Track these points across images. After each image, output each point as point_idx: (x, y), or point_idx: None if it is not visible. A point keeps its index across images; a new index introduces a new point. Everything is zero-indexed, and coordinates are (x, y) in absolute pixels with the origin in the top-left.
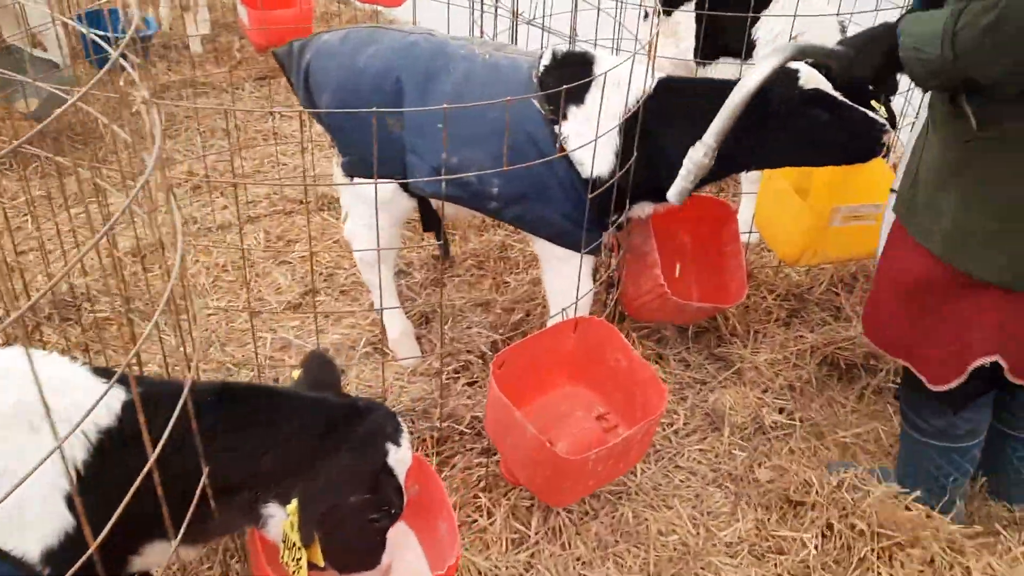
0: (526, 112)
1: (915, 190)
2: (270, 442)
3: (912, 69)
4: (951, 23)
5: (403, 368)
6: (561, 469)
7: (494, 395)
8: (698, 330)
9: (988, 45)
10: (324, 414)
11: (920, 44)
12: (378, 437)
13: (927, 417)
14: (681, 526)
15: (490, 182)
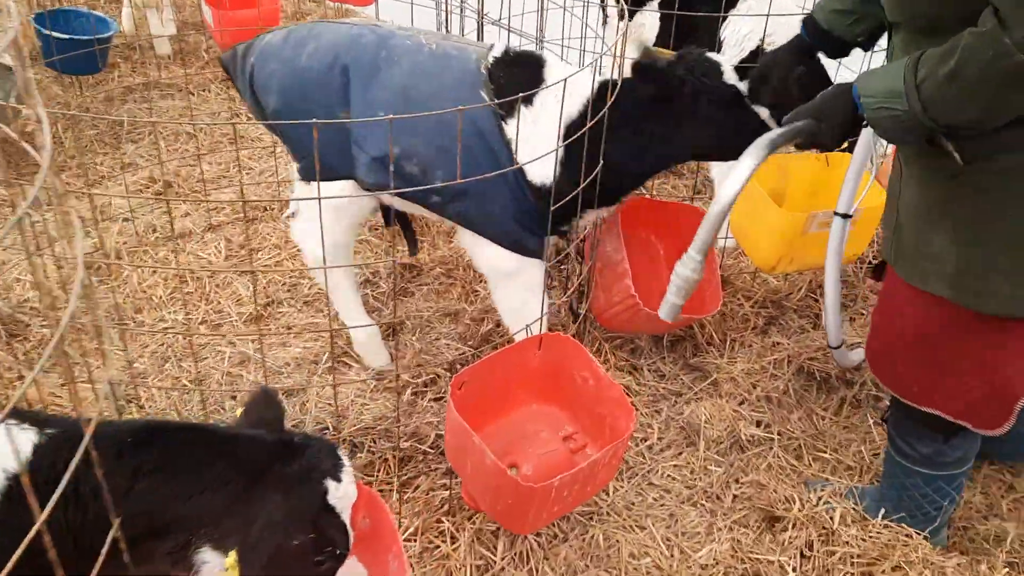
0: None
1: (900, 234)
2: (199, 484)
3: (884, 128)
4: (911, 76)
5: (365, 385)
6: (524, 497)
7: (452, 418)
8: (673, 339)
9: (953, 94)
10: (257, 452)
11: (885, 103)
12: (316, 474)
13: (914, 444)
14: (654, 548)
15: (433, 175)
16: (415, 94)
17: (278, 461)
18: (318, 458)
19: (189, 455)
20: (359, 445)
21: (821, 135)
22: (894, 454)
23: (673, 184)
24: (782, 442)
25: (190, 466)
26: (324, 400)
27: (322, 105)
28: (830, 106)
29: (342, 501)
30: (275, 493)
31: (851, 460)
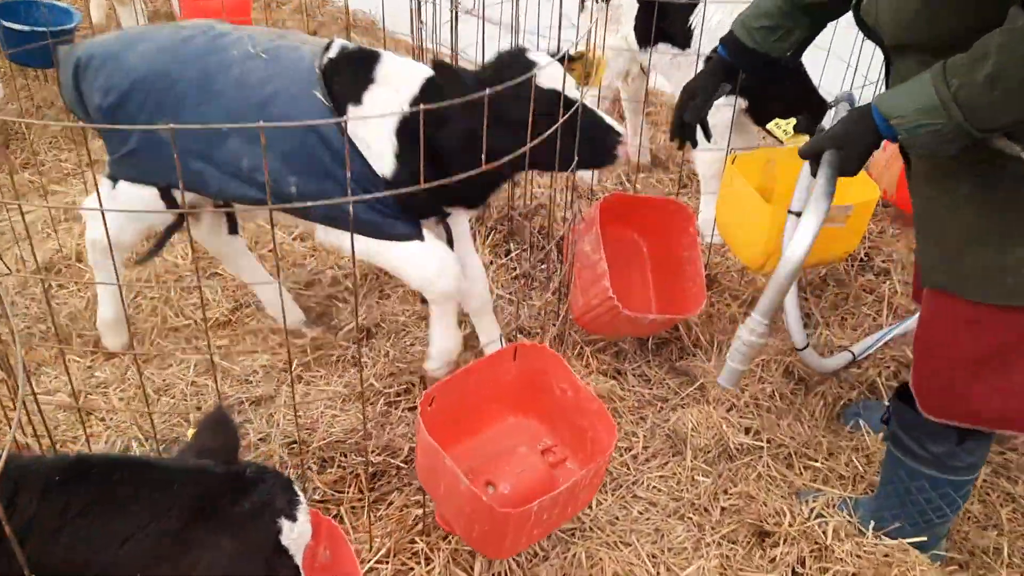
0: (312, 108)
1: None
2: (133, 525)
3: (922, 145)
4: (943, 88)
5: (336, 394)
6: (500, 522)
7: (423, 438)
8: (659, 341)
9: (997, 97)
10: (201, 489)
11: (921, 120)
12: (268, 513)
13: (925, 443)
14: (639, 566)
15: (287, 181)
16: (251, 100)
17: (226, 497)
18: (271, 494)
19: (123, 492)
20: (328, 460)
21: (844, 163)
22: (899, 455)
23: (658, 178)
24: (771, 450)
25: (124, 505)
26: (291, 411)
27: (144, 109)
28: (850, 133)
29: (296, 542)
30: (222, 535)
31: (843, 469)
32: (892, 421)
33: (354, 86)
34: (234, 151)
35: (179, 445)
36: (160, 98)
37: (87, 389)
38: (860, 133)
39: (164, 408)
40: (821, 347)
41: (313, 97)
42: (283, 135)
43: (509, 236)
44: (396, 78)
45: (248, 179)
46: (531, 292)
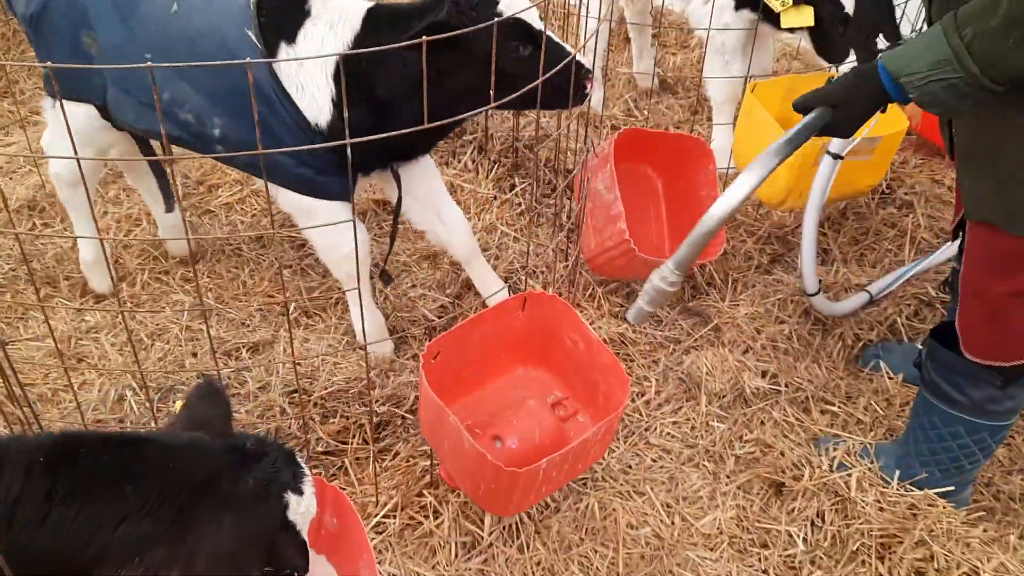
0: (243, 47)
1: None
2: (126, 507)
3: (938, 101)
4: (955, 39)
5: (335, 341)
6: (507, 481)
7: (426, 393)
8: None
9: (1015, 44)
10: (200, 466)
11: (933, 74)
12: (273, 489)
13: (965, 388)
14: (654, 516)
15: (211, 123)
16: (178, 33)
17: (228, 474)
18: (276, 468)
19: (114, 472)
20: (331, 410)
21: (837, 124)
22: (935, 400)
23: (668, 104)
24: (789, 394)
25: (116, 486)
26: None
27: (66, 18)
28: (849, 91)
29: (303, 516)
30: (224, 513)
31: (862, 413)
32: (926, 365)
33: (287, 22)
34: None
35: (171, 401)
36: (82, 9)
37: (77, 335)
38: (862, 94)
39: (158, 354)
40: (839, 285)
41: (246, 35)
42: (210, 73)
43: (514, 169)
44: (332, 12)
45: (168, 114)
46: (537, 229)
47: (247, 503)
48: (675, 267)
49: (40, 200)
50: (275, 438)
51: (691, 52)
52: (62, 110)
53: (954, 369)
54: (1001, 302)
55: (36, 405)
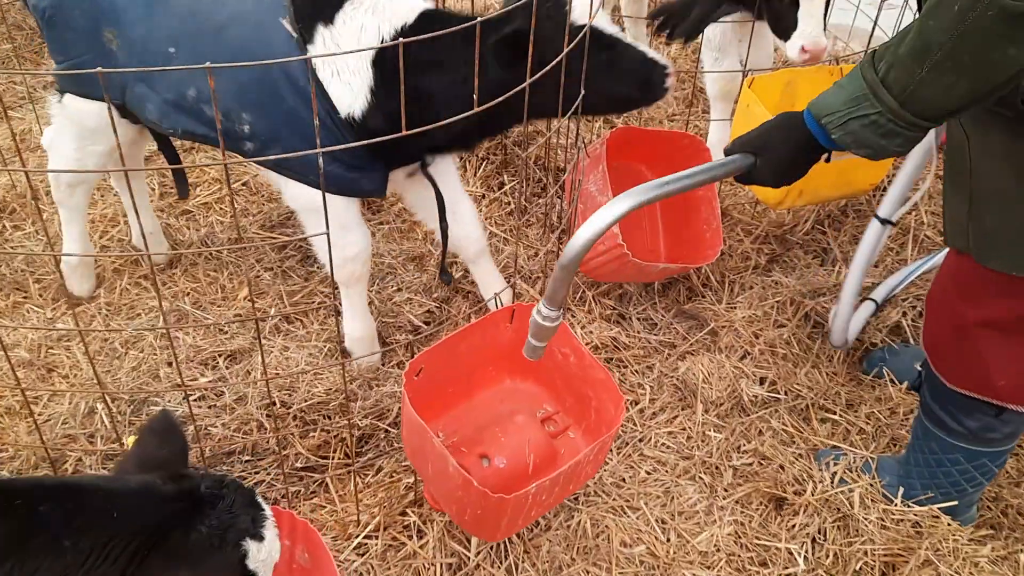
0: (274, 34)
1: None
2: (66, 566)
3: (861, 141)
4: (870, 73)
5: (316, 350)
6: (495, 507)
7: (408, 414)
8: (665, 282)
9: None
10: (149, 513)
11: (852, 111)
12: (229, 537)
13: (961, 418)
14: (648, 533)
15: (240, 119)
16: (206, 20)
17: (180, 522)
18: (233, 513)
19: (53, 526)
20: (311, 423)
21: (757, 172)
22: (932, 427)
23: None
24: (788, 402)
25: (55, 541)
26: (271, 369)
27: (85, 15)
28: (769, 138)
29: (265, 563)
30: (178, 568)
31: (864, 423)
32: (923, 391)
33: (325, 3)
34: (180, 77)
35: (143, 414)
36: (101, 5)
37: (48, 343)
38: (783, 140)
39: (132, 363)
40: (840, 286)
41: (279, 26)
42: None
43: (503, 167)
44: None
45: (193, 111)
46: (528, 230)
47: (201, 555)
48: (547, 304)
49: (11, 201)
50: (232, 477)
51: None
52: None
53: (947, 398)
54: (968, 330)
55: (4, 418)
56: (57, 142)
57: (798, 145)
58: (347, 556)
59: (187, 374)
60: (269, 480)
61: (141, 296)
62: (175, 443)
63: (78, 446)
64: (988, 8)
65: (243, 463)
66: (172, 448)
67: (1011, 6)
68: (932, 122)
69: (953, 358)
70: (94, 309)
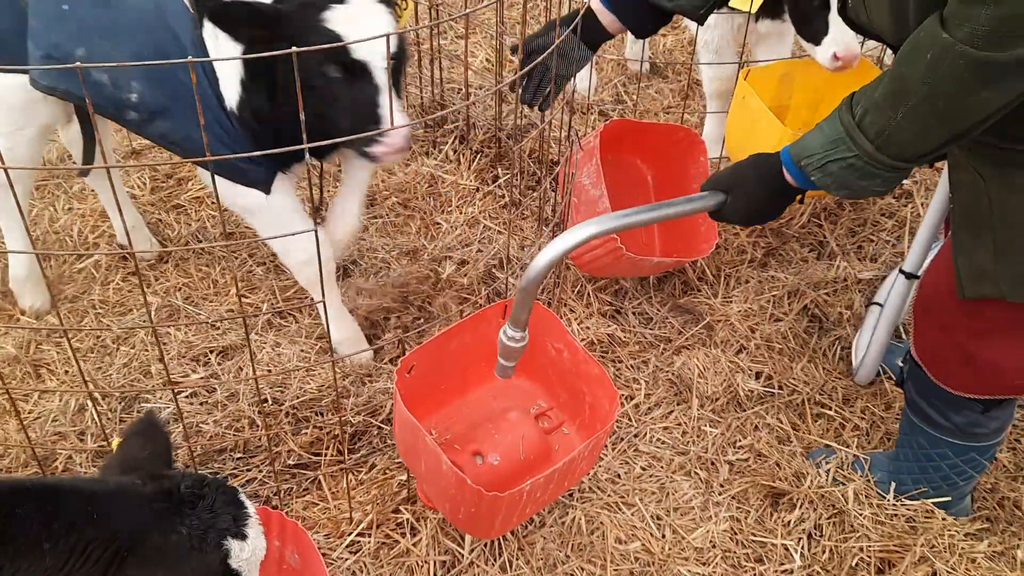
0: (172, 6)
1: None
2: (44, 567)
3: (840, 183)
4: (847, 116)
5: (309, 346)
6: (489, 505)
7: (400, 412)
8: (661, 276)
9: (905, 120)
10: (129, 515)
11: (830, 154)
12: (210, 537)
13: (948, 413)
14: (643, 529)
15: (128, 87)
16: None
17: (158, 524)
18: (214, 512)
19: (30, 529)
20: (303, 419)
21: (728, 211)
22: (919, 423)
23: (658, 88)
24: (783, 397)
25: (32, 544)
26: (262, 366)
27: None
28: (740, 177)
29: (248, 562)
30: (157, 571)
31: (859, 418)
32: (908, 386)
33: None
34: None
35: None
36: None
37: (38, 339)
38: (755, 179)
39: (123, 360)
40: (840, 280)
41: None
42: (137, 31)
43: (497, 160)
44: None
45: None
46: (522, 223)
47: (180, 556)
48: (511, 325)
49: None
50: (215, 475)
51: (682, 33)
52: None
53: (933, 393)
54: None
55: None
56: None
57: (771, 186)
58: (340, 554)
59: (178, 370)
60: (261, 478)
61: (134, 292)
62: (158, 444)
63: (68, 444)
64: (959, 58)
65: (235, 460)
66: (155, 449)
67: (979, 56)
68: (909, 163)
69: (970, 369)
70: (86, 305)
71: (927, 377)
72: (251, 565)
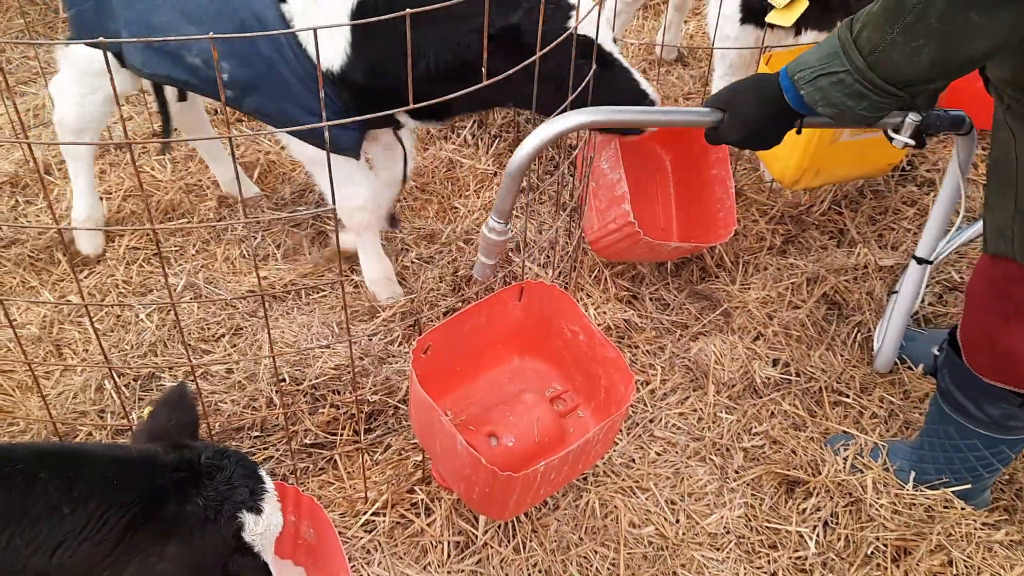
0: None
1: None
2: (64, 533)
3: (828, 97)
4: (845, 32)
5: (327, 327)
6: (502, 486)
7: (416, 392)
8: (679, 261)
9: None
10: (147, 484)
11: (823, 68)
12: (225, 509)
13: (983, 405)
14: (657, 514)
15: (220, 66)
16: None
17: (174, 494)
18: (230, 484)
19: (52, 494)
20: (321, 399)
21: (724, 129)
22: (951, 412)
23: (678, 75)
24: (801, 384)
25: (54, 508)
26: (280, 343)
27: None
28: (737, 95)
29: (263, 536)
30: (168, 540)
31: (876, 406)
32: (942, 373)
33: None
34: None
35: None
36: None
37: (60, 318)
38: (753, 97)
39: (142, 339)
40: (860, 267)
41: None
42: (220, 16)
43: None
44: None
45: (176, 57)
46: (540, 208)
47: (194, 526)
48: (495, 215)
49: (23, 176)
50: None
51: (704, 19)
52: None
53: (970, 383)
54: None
55: (16, 393)
56: (62, 87)
57: (767, 104)
58: (354, 533)
59: (198, 348)
60: (278, 456)
61: (157, 271)
62: (185, 415)
63: (88, 421)
64: None
65: (252, 439)
66: (182, 420)
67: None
68: (897, 88)
69: (990, 354)
70: (109, 285)
71: (964, 366)
72: (266, 540)
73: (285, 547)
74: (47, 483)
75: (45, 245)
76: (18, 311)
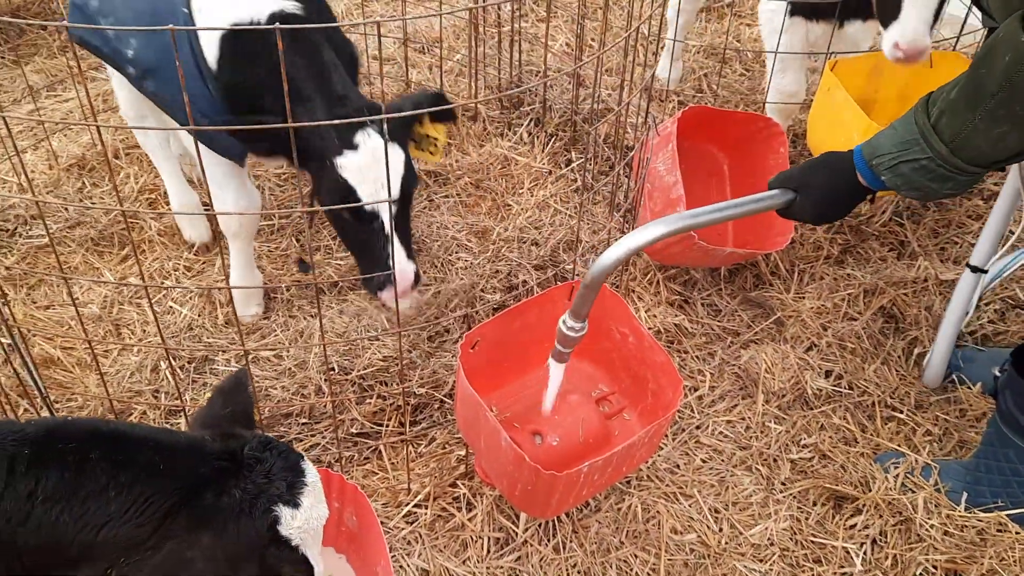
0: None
1: None
2: (108, 513)
3: (912, 184)
4: (922, 117)
5: (374, 317)
6: (546, 484)
7: (463, 386)
8: (732, 267)
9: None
10: (191, 471)
11: (902, 154)
12: (260, 502)
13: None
14: (700, 521)
15: (127, 42)
16: None
17: (213, 484)
18: (269, 477)
19: (101, 475)
20: (368, 389)
21: (795, 209)
22: (1011, 434)
23: (737, 78)
24: (853, 398)
25: (101, 489)
26: (332, 334)
27: None
28: (810, 175)
29: (301, 530)
30: (202, 531)
31: (931, 424)
32: (1004, 394)
33: None
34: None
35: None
36: None
37: (120, 300)
38: (826, 178)
39: (195, 324)
40: (920, 280)
41: None
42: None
43: (571, 144)
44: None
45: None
46: (593, 208)
47: (228, 518)
48: (572, 316)
49: (91, 159)
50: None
51: (741, 19)
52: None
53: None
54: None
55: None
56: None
57: (842, 185)
58: (396, 523)
59: (252, 336)
60: (324, 444)
61: (215, 257)
62: (239, 403)
63: (143, 400)
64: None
65: (300, 425)
66: (235, 408)
67: None
68: (983, 168)
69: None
70: (169, 267)
71: (1015, 382)
72: (305, 533)
73: (328, 534)
74: (97, 464)
75: (108, 226)
76: (80, 290)
